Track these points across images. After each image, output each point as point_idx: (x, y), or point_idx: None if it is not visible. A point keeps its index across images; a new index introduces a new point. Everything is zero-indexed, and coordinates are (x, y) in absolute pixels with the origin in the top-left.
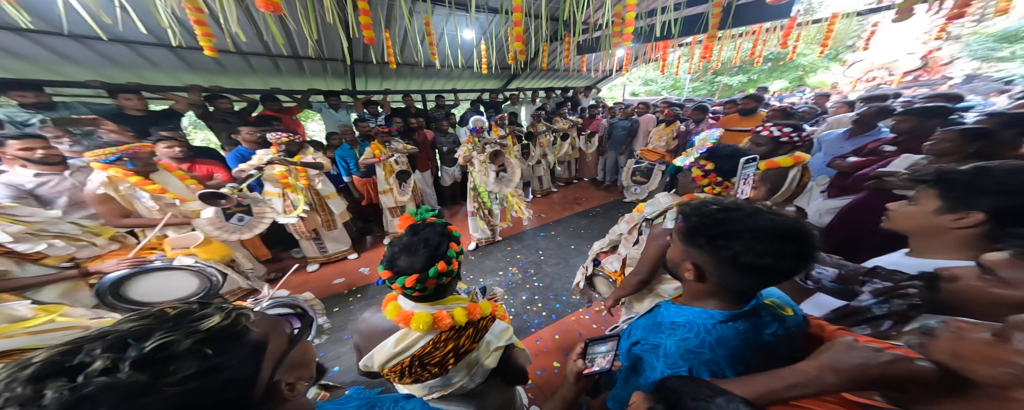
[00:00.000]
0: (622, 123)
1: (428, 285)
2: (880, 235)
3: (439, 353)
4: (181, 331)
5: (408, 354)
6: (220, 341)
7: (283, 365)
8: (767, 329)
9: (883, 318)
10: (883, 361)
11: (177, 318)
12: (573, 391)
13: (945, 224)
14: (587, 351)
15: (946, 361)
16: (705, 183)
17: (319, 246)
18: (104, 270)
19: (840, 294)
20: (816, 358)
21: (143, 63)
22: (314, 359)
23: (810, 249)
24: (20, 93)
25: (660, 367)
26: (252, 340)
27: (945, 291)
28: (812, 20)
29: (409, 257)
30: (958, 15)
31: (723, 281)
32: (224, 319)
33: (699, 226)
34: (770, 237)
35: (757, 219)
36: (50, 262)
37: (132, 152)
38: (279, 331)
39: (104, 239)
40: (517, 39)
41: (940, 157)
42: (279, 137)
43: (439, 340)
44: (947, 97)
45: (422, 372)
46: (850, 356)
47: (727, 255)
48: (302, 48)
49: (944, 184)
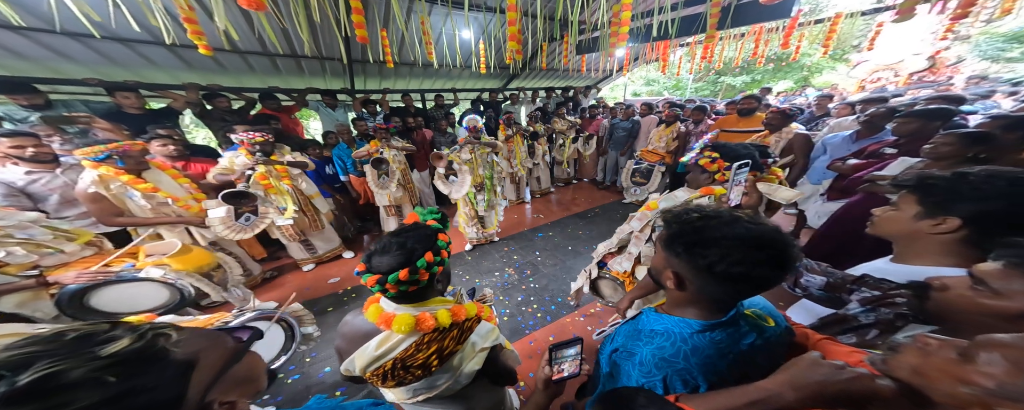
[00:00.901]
0: (623, 124)
1: (388, 288)
2: (872, 240)
3: (422, 355)
4: (76, 357)
5: (390, 357)
6: (129, 365)
7: (220, 383)
8: (744, 339)
9: (869, 327)
10: (843, 378)
11: (75, 342)
12: (544, 397)
13: (924, 229)
14: (553, 357)
15: (907, 378)
16: (714, 169)
17: (307, 247)
18: (62, 281)
19: (828, 302)
20: (778, 374)
21: (142, 62)
22: (263, 371)
23: (787, 260)
24: (12, 95)
25: (635, 375)
26: (175, 360)
27: (934, 300)
28: (814, 20)
29: (381, 257)
30: (962, 15)
31: (701, 290)
32: (135, 341)
33: (678, 233)
34: (745, 245)
35: (734, 227)
36: (11, 270)
37: (122, 150)
38: (217, 346)
39: (76, 245)
40: (512, 39)
41: (939, 161)
42: (252, 137)
43: (422, 342)
44: (950, 99)
45: (405, 375)
46: (811, 373)
47: (703, 263)
48: (300, 47)
49: (923, 189)
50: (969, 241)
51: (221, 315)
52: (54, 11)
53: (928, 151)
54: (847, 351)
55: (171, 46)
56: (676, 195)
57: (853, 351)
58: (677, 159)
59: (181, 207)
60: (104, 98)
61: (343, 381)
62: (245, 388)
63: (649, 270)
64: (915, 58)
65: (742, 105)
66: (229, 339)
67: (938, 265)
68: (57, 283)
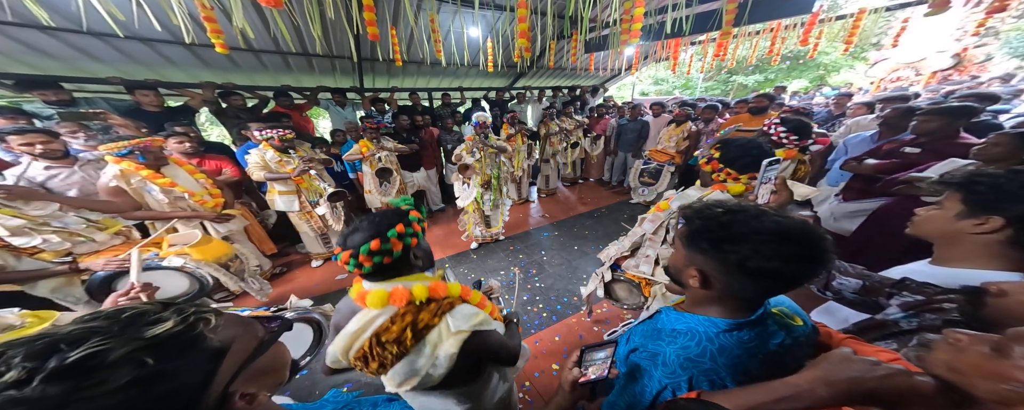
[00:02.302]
0: (631, 125)
1: (362, 262)
2: (904, 242)
3: (396, 327)
4: (123, 337)
5: (366, 334)
6: (167, 348)
7: (244, 373)
8: (773, 339)
9: (912, 332)
10: (878, 375)
11: (127, 321)
12: (568, 400)
13: (965, 229)
14: (583, 358)
15: (944, 375)
16: (709, 170)
17: (325, 241)
18: (92, 267)
19: (862, 306)
20: (809, 370)
21: (161, 61)
22: (287, 364)
23: (821, 252)
24: (41, 91)
25: (658, 376)
26: (208, 347)
27: (991, 307)
28: (836, 16)
29: (354, 235)
30: (999, 8)
31: (730, 287)
32: (177, 324)
33: (702, 229)
34: (777, 239)
35: (762, 221)
36: (46, 256)
37: (143, 146)
38: (247, 335)
39: (107, 234)
40: (522, 36)
41: (990, 163)
42: (282, 134)
43: (396, 315)
44: (982, 97)
45: (383, 352)
46: (844, 369)
47: (734, 259)
48: (311, 45)
49: (968, 187)
50: (1014, 243)
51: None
52: (82, 11)
53: (977, 152)
54: (875, 349)
55: (190, 45)
56: (688, 193)
57: (881, 350)
58: (687, 159)
59: (196, 202)
60: (125, 96)
61: (349, 379)
62: (267, 380)
63: (667, 269)
64: (939, 56)
65: (754, 103)
66: (260, 328)
67: (981, 268)
68: (88, 269)
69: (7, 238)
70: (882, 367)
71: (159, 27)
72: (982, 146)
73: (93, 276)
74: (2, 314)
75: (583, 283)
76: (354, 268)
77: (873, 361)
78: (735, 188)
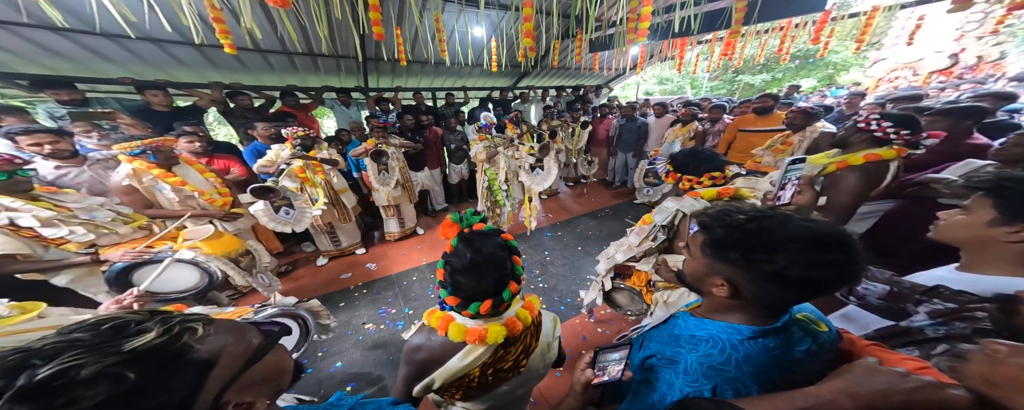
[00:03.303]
0: (630, 125)
1: (502, 309)
2: (916, 245)
3: (511, 357)
4: (99, 350)
5: (476, 365)
6: (148, 361)
7: (237, 384)
8: (799, 346)
9: (938, 340)
10: (908, 387)
11: (109, 332)
12: (580, 401)
13: (999, 237)
14: (597, 359)
15: (980, 387)
16: (672, 182)
17: (333, 239)
18: (111, 259)
19: (887, 312)
20: (832, 380)
21: (171, 61)
22: (289, 369)
23: (859, 258)
24: (54, 91)
25: (679, 384)
26: (195, 358)
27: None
28: (848, 14)
29: (476, 280)
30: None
31: (760, 296)
32: (159, 335)
33: (728, 239)
34: (816, 247)
35: (791, 227)
36: (71, 247)
37: (155, 146)
38: (240, 343)
39: (131, 227)
40: (527, 35)
41: (1011, 164)
42: (295, 131)
43: (509, 344)
44: (999, 96)
45: (495, 380)
46: (870, 381)
47: (770, 269)
48: (317, 45)
49: (1000, 192)
50: None
51: (243, 310)
52: (95, 12)
53: (997, 153)
54: (900, 358)
55: (199, 46)
56: (666, 206)
57: (907, 358)
58: None
59: (206, 200)
60: (135, 96)
61: (351, 377)
62: (264, 387)
63: (681, 276)
64: (937, 56)
65: (757, 104)
66: (255, 336)
67: (1016, 276)
68: (107, 260)
69: (38, 228)
70: (911, 379)
71: (169, 28)
72: (1002, 146)
73: (112, 267)
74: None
75: (587, 283)
76: (474, 311)
77: (901, 372)
78: (708, 193)
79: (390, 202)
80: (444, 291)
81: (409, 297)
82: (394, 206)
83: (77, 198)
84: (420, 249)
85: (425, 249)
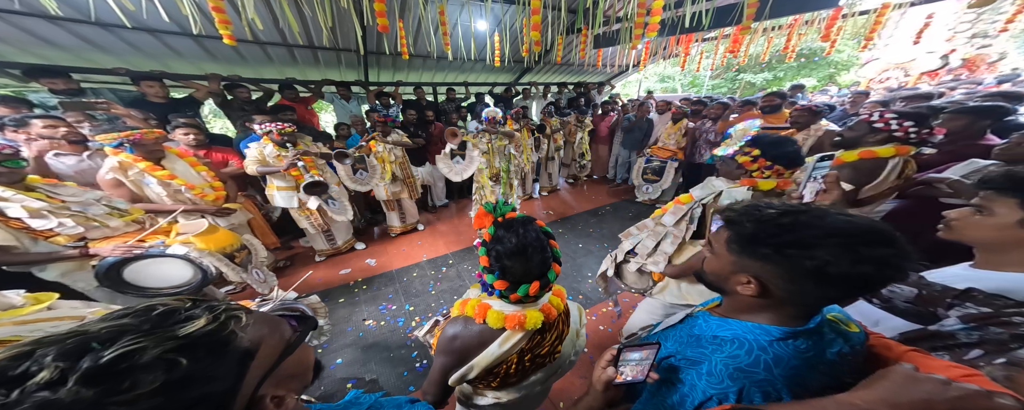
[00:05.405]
0: (639, 124)
1: (549, 290)
2: (919, 244)
3: (547, 342)
4: (156, 335)
5: (515, 351)
6: (200, 348)
7: (272, 377)
8: (831, 347)
9: (970, 346)
10: (951, 397)
11: (160, 318)
12: (599, 401)
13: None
14: (619, 358)
15: None
16: (754, 168)
17: (328, 238)
18: (101, 252)
19: (914, 315)
20: (868, 389)
21: (167, 52)
22: (311, 365)
23: (908, 254)
24: (49, 80)
25: (702, 385)
26: (238, 348)
27: None
28: (859, 12)
29: (524, 263)
30: None
31: (794, 295)
32: (209, 323)
33: (760, 234)
34: (860, 241)
35: (830, 221)
36: (60, 240)
37: (134, 139)
38: (275, 336)
39: (123, 221)
40: (535, 28)
41: (1015, 163)
42: (281, 127)
43: (545, 330)
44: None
45: (532, 365)
46: (910, 389)
47: (809, 265)
48: (317, 38)
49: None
50: None
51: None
52: (90, 1)
53: (1001, 152)
54: (945, 365)
55: (197, 36)
56: (712, 182)
57: (952, 365)
58: (690, 155)
59: (196, 195)
60: (131, 87)
61: (352, 375)
62: (293, 382)
63: (701, 276)
64: (928, 57)
65: (764, 102)
66: (288, 328)
67: None
68: (97, 254)
69: (26, 220)
70: (954, 388)
71: (167, 18)
72: (1006, 145)
73: (102, 262)
74: (7, 294)
75: (588, 280)
76: (523, 293)
77: (943, 380)
78: (765, 184)
79: (389, 196)
80: (491, 276)
81: (410, 293)
82: (395, 201)
83: (75, 191)
84: (420, 245)
85: (425, 245)
